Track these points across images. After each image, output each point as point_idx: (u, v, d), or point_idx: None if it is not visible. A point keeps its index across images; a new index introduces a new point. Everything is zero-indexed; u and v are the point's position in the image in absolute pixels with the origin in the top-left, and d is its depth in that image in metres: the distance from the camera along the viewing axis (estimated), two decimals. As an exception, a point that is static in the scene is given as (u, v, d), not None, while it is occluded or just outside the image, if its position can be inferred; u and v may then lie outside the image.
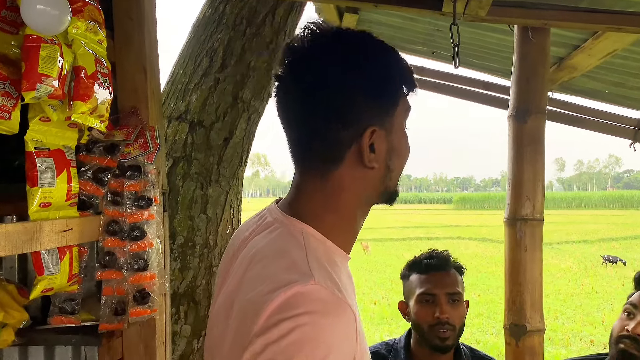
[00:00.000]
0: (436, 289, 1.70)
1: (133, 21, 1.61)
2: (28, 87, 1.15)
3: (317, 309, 0.71)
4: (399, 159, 0.90)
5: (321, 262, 0.80)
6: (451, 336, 1.68)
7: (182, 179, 1.94)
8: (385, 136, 0.86)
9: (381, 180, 0.88)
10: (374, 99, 0.84)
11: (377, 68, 0.84)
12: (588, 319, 9.43)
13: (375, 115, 0.84)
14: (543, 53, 1.57)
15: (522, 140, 1.55)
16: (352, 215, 0.89)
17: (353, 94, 0.83)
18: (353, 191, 0.87)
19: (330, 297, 0.73)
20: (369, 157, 0.84)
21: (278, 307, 0.71)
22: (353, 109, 0.83)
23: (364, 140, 0.83)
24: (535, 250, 1.52)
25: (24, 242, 1.16)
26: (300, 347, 0.69)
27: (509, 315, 1.51)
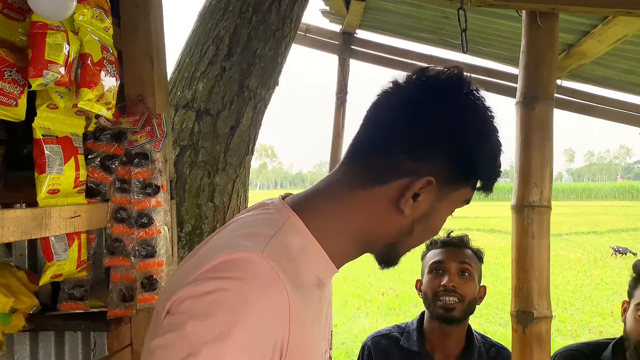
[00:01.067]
0: (447, 259, 1.75)
1: (139, 9, 1.61)
2: (35, 74, 1.16)
3: (249, 280, 0.70)
4: (424, 231, 0.87)
5: (285, 249, 0.78)
6: (458, 307, 1.70)
7: (189, 167, 1.95)
8: (433, 200, 0.84)
9: (399, 232, 0.85)
10: (451, 159, 0.82)
11: (473, 140, 0.83)
12: (597, 310, 9.39)
13: (440, 173, 0.82)
14: (551, 38, 1.55)
15: (530, 127, 1.54)
16: (351, 236, 0.85)
17: (439, 138, 0.82)
18: (369, 217, 0.84)
19: (268, 274, 0.72)
20: (408, 201, 0.82)
21: (214, 266, 0.72)
22: (433, 153, 0.82)
23: (416, 182, 0.81)
24: (543, 237, 1.51)
25: (33, 228, 1.17)
26: (215, 308, 0.68)
27: (515, 302, 1.51)
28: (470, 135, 0.82)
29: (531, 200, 1.51)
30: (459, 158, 0.82)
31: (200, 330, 0.67)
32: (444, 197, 0.84)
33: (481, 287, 1.81)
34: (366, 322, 8.46)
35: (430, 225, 0.87)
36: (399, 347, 1.79)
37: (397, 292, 10.78)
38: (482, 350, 1.80)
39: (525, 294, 1.48)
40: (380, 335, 1.87)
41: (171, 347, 0.67)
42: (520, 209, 1.52)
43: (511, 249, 1.58)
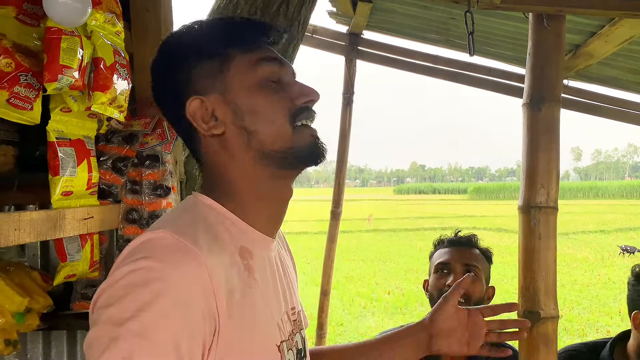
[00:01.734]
0: (452, 259, 1.73)
1: (150, 12, 1.63)
2: (50, 78, 1.18)
3: (156, 254, 0.70)
4: (256, 117, 0.82)
5: (198, 220, 0.78)
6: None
7: (198, 169, 1.97)
8: (223, 99, 0.82)
9: (245, 144, 0.82)
10: (185, 68, 0.84)
11: (175, 41, 0.88)
12: (604, 310, 9.36)
13: (193, 87, 0.83)
14: (558, 40, 1.56)
15: (537, 129, 1.54)
16: (248, 189, 0.84)
17: (170, 69, 0.85)
18: (223, 164, 0.84)
19: (175, 245, 0.71)
20: (203, 126, 0.82)
21: (123, 255, 0.72)
22: (164, 88, 0.87)
23: (188, 113, 0.82)
24: (550, 238, 1.52)
25: (48, 229, 1.19)
26: (127, 291, 0.67)
27: (522, 302, 1.52)
28: (163, 45, 0.88)
29: (538, 201, 1.51)
30: (173, 66, 0.86)
31: (117, 312, 0.66)
32: (227, 88, 0.83)
33: (489, 288, 1.80)
34: (372, 321, 8.47)
35: (256, 111, 0.82)
36: None
37: (404, 291, 10.77)
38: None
39: (532, 294, 1.49)
40: None
41: (96, 341, 0.66)
42: (527, 209, 1.52)
43: (518, 249, 1.59)
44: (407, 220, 26.55)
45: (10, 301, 1.32)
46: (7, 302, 1.31)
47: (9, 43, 1.21)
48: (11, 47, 1.21)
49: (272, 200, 0.87)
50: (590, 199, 54.08)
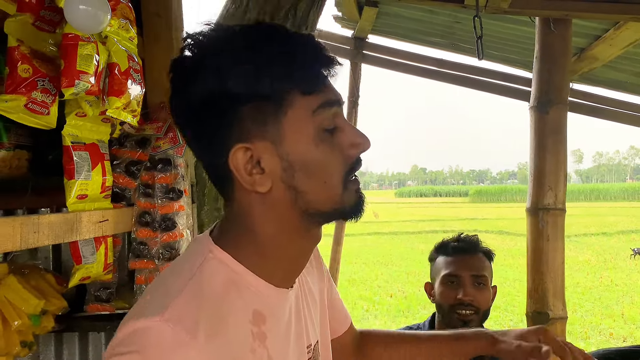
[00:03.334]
0: (461, 270, 1.71)
1: (161, 18, 1.65)
2: (68, 84, 1.20)
3: (147, 351, 0.64)
4: (309, 176, 0.71)
5: (202, 294, 0.70)
6: (474, 319, 1.68)
7: (223, 208, 1.99)
8: (275, 150, 0.70)
9: (290, 204, 0.73)
10: (222, 109, 0.69)
11: (218, 66, 0.69)
12: (607, 312, 9.34)
13: (240, 131, 0.70)
14: (564, 44, 1.58)
15: (544, 131, 1.57)
16: (274, 245, 0.76)
17: (199, 111, 0.71)
18: (259, 218, 0.74)
19: (170, 339, 0.65)
20: (247, 180, 0.71)
21: (118, 339, 0.66)
22: (205, 129, 0.72)
23: (231, 163, 0.70)
24: (557, 239, 1.54)
25: (65, 232, 1.21)
26: None
27: (531, 303, 1.54)
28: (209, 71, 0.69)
29: (546, 203, 1.54)
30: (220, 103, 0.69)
31: None
32: (280, 137, 0.70)
33: (493, 287, 1.81)
34: (375, 324, 8.47)
35: (310, 168, 0.72)
36: None
37: (406, 294, 10.77)
38: None
39: (541, 295, 1.51)
40: None
41: None
42: (535, 211, 1.55)
43: (519, 251, 1.61)
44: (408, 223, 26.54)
45: (27, 303, 1.33)
46: (24, 304, 1.33)
47: (27, 49, 1.23)
48: (29, 53, 1.23)
49: (301, 255, 0.81)
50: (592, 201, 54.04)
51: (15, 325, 1.32)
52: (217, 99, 0.69)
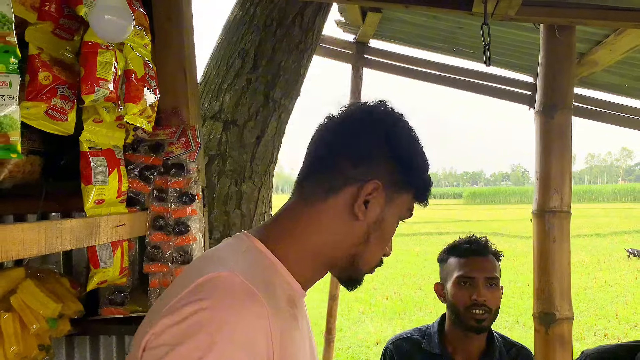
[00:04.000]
0: (475, 272, 1.75)
1: (172, 24, 1.67)
2: (88, 91, 1.22)
3: (223, 296, 0.71)
4: (380, 238, 0.90)
5: (254, 265, 0.80)
6: (487, 318, 1.72)
7: (218, 176, 2.02)
8: (383, 204, 0.88)
9: (357, 241, 0.88)
10: (390, 165, 0.88)
11: (407, 148, 0.91)
12: (602, 313, 9.41)
13: (383, 178, 0.87)
14: (569, 50, 1.62)
15: (550, 135, 1.61)
16: (314, 255, 0.88)
17: (377, 147, 0.89)
18: (327, 230, 0.87)
19: (240, 286, 0.72)
20: (360, 206, 0.86)
21: (187, 293, 0.72)
22: (370, 157, 0.88)
23: (366, 186, 0.86)
24: (564, 241, 1.58)
25: (85, 237, 1.23)
26: (195, 330, 0.68)
27: (538, 303, 1.57)
28: (404, 141, 0.91)
29: (552, 206, 1.57)
30: (398, 161, 0.89)
31: (186, 352, 0.66)
32: (391, 202, 0.89)
33: (500, 287, 1.84)
34: (371, 327, 8.49)
35: (384, 233, 0.90)
36: (420, 349, 1.83)
37: (402, 296, 10.80)
38: (502, 351, 1.83)
39: (547, 296, 1.55)
40: (402, 338, 1.91)
41: None
42: (542, 214, 1.58)
43: (520, 252, 1.65)
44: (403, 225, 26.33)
45: (45, 307, 1.35)
46: (42, 308, 1.35)
47: (47, 57, 1.25)
48: (49, 61, 1.25)
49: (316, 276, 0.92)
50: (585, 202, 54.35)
51: (34, 328, 1.34)
52: (392, 142, 0.89)
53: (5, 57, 0.88)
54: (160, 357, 0.68)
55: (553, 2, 1.47)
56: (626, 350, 1.81)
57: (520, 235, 20.07)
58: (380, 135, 0.89)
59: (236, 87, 2.05)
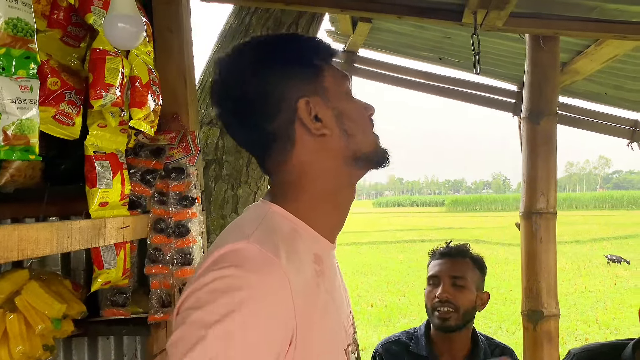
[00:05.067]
0: (441, 272, 1.83)
1: (173, 33, 1.72)
2: (97, 96, 1.26)
3: (242, 264, 0.74)
4: (353, 122, 0.91)
5: (275, 231, 0.82)
6: (452, 317, 1.78)
7: (215, 181, 2.06)
8: (325, 104, 0.89)
9: (344, 145, 0.89)
10: (290, 78, 0.88)
11: (280, 54, 0.91)
12: (582, 318, 9.57)
13: (301, 90, 0.88)
14: (553, 59, 1.70)
15: (536, 141, 1.68)
16: (328, 193, 0.90)
17: (267, 84, 0.88)
18: (318, 165, 0.89)
19: (259, 255, 0.76)
20: (315, 125, 0.88)
21: (210, 263, 0.76)
22: (275, 96, 0.88)
23: (300, 110, 0.87)
24: (550, 241, 1.65)
25: (92, 237, 1.27)
26: (215, 296, 0.72)
27: (526, 302, 1.64)
28: (270, 53, 0.91)
29: (538, 208, 1.64)
30: (289, 72, 0.89)
31: (204, 315, 0.71)
32: (325, 92, 0.90)
33: (483, 294, 1.88)
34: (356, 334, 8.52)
35: (352, 116, 0.91)
36: (408, 352, 1.89)
37: (386, 304, 10.86)
38: (487, 351, 1.89)
39: (535, 294, 1.62)
40: (391, 341, 1.96)
41: (181, 340, 0.71)
42: (529, 215, 1.65)
43: (502, 259, 1.72)
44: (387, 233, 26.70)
45: (50, 307, 1.38)
46: (47, 308, 1.38)
47: (55, 63, 1.29)
48: (57, 67, 1.29)
49: (343, 207, 0.94)
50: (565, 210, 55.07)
51: (39, 329, 1.36)
52: (277, 67, 0.89)
53: (27, 63, 0.93)
54: (184, 319, 0.73)
55: (538, 14, 1.55)
56: (611, 347, 1.89)
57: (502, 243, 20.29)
58: (260, 75, 0.89)
59: (232, 94, 2.08)
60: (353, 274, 14.47)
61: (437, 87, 3.15)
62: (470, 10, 1.49)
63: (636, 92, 2.71)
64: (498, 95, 3.12)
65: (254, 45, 0.94)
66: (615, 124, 3.03)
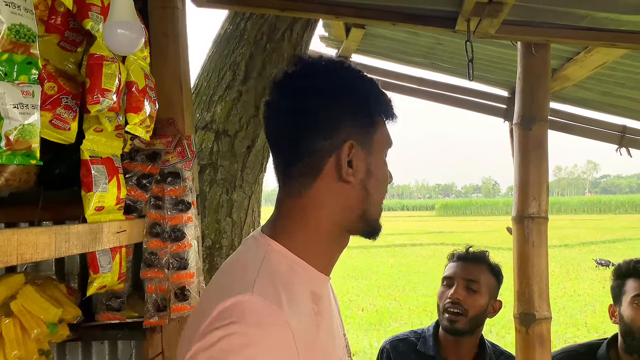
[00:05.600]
0: (455, 274, 1.85)
1: (169, 38, 1.72)
2: (94, 101, 1.27)
3: (247, 319, 0.75)
4: (377, 184, 0.92)
5: (275, 275, 0.83)
6: (460, 320, 1.79)
7: (209, 185, 2.07)
8: (364, 157, 0.90)
9: (359, 200, 0.91)
10: (351, 116, 0.89)
11: (354, 91, 0.91)
12: (571, 321, 9.65)
13: (353, 132, 0.89)
14: (545, 66, 1.73)
15: (528, 146, 1.71)
16: (327, 235, 0.91)
17: (331, 109, 0.89)
18: (329, 207, 0.89)
19: (263, 309, 0.77)
20: (347, 170, 0.88)
21: (215, 317, 0.77)
22: (332, 123, 0.88)
23: (343, 151, 0.88)
24: (542, 245, 1.67)
25: (90, 242, 1.27)
26: (224, 354, 0.73)
27: (518, 305, 1.66)
28: (351, 86, 0.91)
29: (530, 212, 1.67)
30: (356, 109, 0.90)
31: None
32: (370, 148, 0.91)
33: (496, 302, 1.90)
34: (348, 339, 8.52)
35: (379, 178, 0.93)
36: (416, 351, 1.90)
37: (377, 308, 10.87)
38: (493, 358, 1.91)
39: (527, 297, 1.64)
40: (398, 339, 1.97)
41: None
42: (521, 220, 1.68)
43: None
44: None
45: (46, 312, 1.37)
46: (43, 313, 1.37)
47: (52, 68, 1.30)
48: (54, 72, 1.30)
49: (339, 248, 0.96)
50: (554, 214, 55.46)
51: (35, 333, 1.36)
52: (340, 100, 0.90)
53: (28, 69, 0.93)
54: None
55: (530, 22, 1.57)
56: (587, 348, 1.94)
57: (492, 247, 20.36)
58: (329, 98, 0.90)
59: (227, 98, 2.11)
60: (344, 278, 14.48)
61: (429, 93, 3.18)
62: (463, 18, 1.51)
63: (624, 99, 2.75)
64: (489, 100, 3.16)
65: (338, 67, 0.94)
66: (604, 130, 3.07)
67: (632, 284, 1.79)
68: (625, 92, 2.63)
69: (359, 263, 17.36)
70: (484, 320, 1.87)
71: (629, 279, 1.81)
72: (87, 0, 1.27)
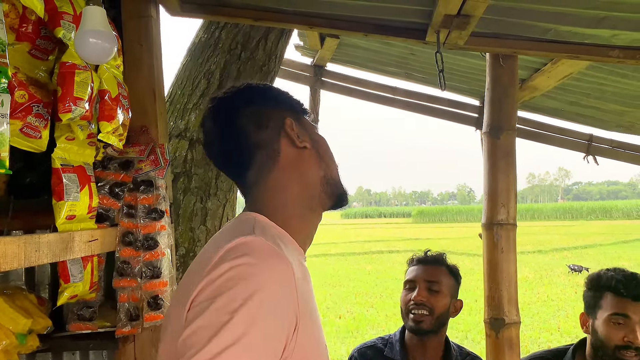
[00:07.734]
0: (417, 277, 1.89)
1: (142, 47, 1.72)
2: (65, 110, 1.27)
3: (254, 253, 0.81)
4: (325, 148, 1.06)
5: (268, 231, 0.90)
6: (427, 320, 1.83)
7: (183, 193, 2.06)
8: (302, 127, 1.04)
9: (318, 164, 1.03)
10: (275, 103, 1.05)
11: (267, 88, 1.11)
12: (545, 326, 9.77)
13: (285, 113, 1.03)
14: (512, 77, 1.78)
15: (496, 154, 1.75)
16: (303, 206, 1.00)
17: (258, 105, 1.04)
18: (296, 180, 1.00)
19: (267, 247, 0.83)
20: (299, 138, 1.01)
21: (220, 257, 0.81)
22: (263, 116, 1.02)
23: (287, 124, 1.01)
24: (510, 251, 1.71)
25: (61, 251, 1.26)
26: (233, 283, 0.77)
27: (488, 310, 1.69)
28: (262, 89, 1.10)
29: (499, 219, 1.71)
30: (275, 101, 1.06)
31: (227, 301, 0.75)
32: (303, 123, 1.06)
33: (457, 301, 1.93)
34: (326, 345, 8.50)
35: (323, 143, 1.07)
36: (383, 357, 1.92)
37: (354, 315, 10.87)
38: (458, 359, 1.94)
39: (497, 302, 1.67)
40: (366, 347, 2.00)
41: (202, 328, 0.74)
42: (490, 226, 1.71)
43: (467, 269, 1.78)
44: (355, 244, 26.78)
45: (15, 322, 1.36)
46: (12, 324, 1.36)
47: (23, 76, 1.29)
48: (25, 80, 1.29)
49: (313, 224, 1.04)
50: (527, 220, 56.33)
51: (4, 344, 1.34)
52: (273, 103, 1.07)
53: (-2, 77, 0.93)
54: (204, 309, 0.76)
55: (498, 34, 1.62)
56: (553, 354, 1.97)
57: (468, 253, 20.60)
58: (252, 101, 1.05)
59: (202, 106, 2.11)
60: (321, 285, 14.44)
61: (403, 102, 3.23)
62: (433, 30, 1.55)
63: (590, 108, 2.84)
64: (462, 109, 3.22)
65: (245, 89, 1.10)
66: (572, 138, 3.15)
67: (611, 300, 1.74)
68: (591, 102, 2.71)
69: (336, 270, 17.35)
70: (447, 319, 1.90)
71: (608, 293, 1.75)
72: (59, 9, 1.27)
